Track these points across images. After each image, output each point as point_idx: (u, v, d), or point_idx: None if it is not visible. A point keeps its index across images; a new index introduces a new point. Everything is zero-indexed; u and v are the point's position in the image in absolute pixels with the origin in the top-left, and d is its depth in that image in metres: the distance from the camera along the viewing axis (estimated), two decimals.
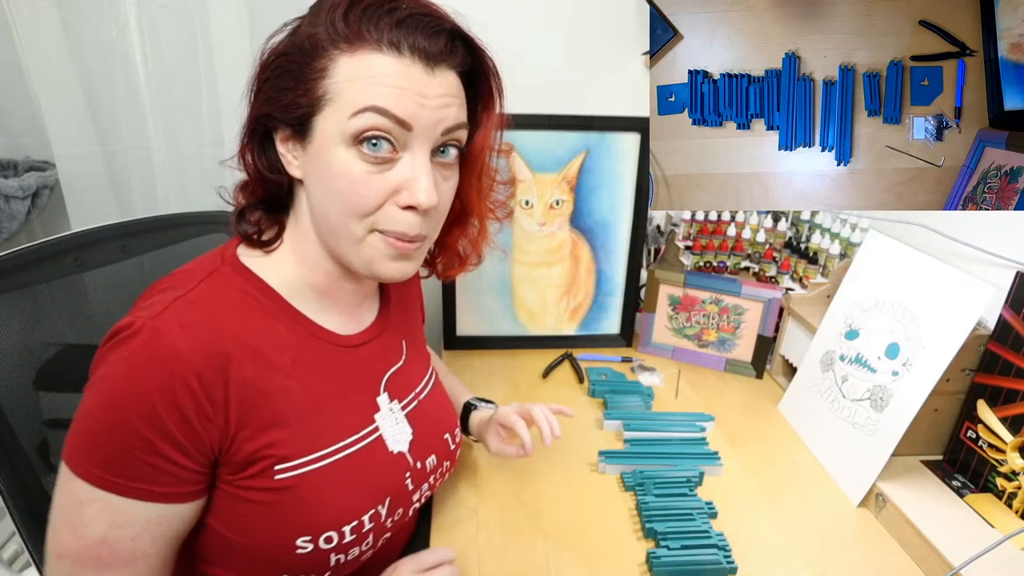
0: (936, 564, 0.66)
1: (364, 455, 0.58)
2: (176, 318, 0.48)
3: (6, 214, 0.97)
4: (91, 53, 0.99)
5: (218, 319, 0.50)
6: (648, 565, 0.67)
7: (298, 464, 0.53)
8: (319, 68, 0.49)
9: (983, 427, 0.76)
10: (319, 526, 0.53)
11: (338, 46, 0.48)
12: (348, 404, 0.59)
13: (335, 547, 0.54)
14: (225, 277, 0.54)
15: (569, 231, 1.09)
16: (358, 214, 0.51)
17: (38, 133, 1.03)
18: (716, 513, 0.75)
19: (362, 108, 0.48)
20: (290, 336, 0.55)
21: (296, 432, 0.53)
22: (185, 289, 0.51)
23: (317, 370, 0.56)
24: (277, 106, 0.51)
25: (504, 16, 1.08)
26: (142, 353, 0.46)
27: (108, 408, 0.46)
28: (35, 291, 0.68)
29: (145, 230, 0.80)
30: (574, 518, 0.75)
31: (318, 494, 0.54)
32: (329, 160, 0.50)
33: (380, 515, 0.58)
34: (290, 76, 0.50)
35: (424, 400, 0.68)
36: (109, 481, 0.46)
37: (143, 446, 0.46)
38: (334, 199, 0.51)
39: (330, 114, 0.49)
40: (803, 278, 1.06)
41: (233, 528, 0.52)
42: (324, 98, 0.49)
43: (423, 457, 0.64)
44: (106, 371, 0.47)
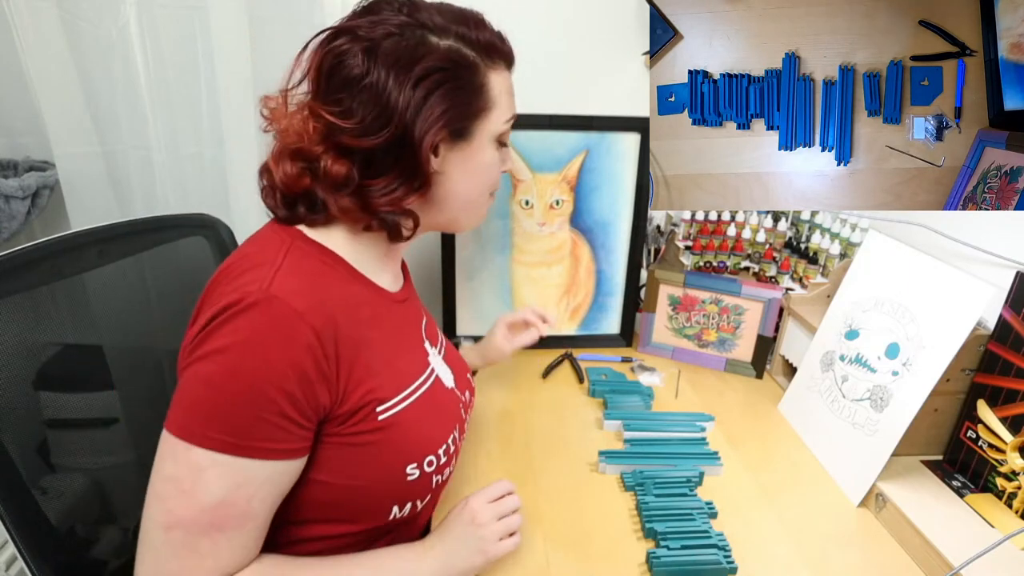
0: (936, 564, 0.66)
1: (434, 391, 0.67)
2: (287, 285, 0.52)
3: (6, 214, 0.97)
4: (91, 53, 0.99)
5: (318, 284, 0.55)
6: (648, 565, 0.67)
7: (395, 403, 0.59)
8: (479, 83, 0.60)
9: (983, 427, 0.76)
10: (422, 452, 0.61)
11: (484, 62, 0.60)
12: (411, 349, 0.68)
13: (435, 469, 0.63)
14: (302, 250, 0.58)
15: (569, 231, 1.09)
16: (493, 185, 0.67)
17: (38, 133, 1.03)
18: (716, 513, 0.75)
19: (510, 118, 0.65)
20: (363, 294, 0.62)
21: (385, 377, 0.59)
22: (277, 263, 0.54)
23: (386, 322, 0.63)
24: (452, 117, 0.58)
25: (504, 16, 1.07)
26: (264, 319, 0.50)
27: (233, 375, 0.49)
28: (35, 292, 0.68)
29: (121, 235, 0.79)
30: (574, 518, 0.75)
31: (415, 426, 0.61)
32: (483, 152, 0.63)
33: (456, 439, 0.68)
34: (460, 91, 0.58)
35: (447, 347, 0.78)
36: (232, 444, 0.49)
37: (270, 407, 0.50)
38: (483, 181, 0.65)
39: (492, 117, 0.62)
40: (803, 278, 1.06)
41: (346, 475, 0.57)
42: (485, 109, 0.61)
43: (463, 391, 0.74)
44: (227, 340, 0.49)
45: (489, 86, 0.61)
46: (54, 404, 0.69)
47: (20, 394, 0.65)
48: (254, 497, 0.51)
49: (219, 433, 0.49)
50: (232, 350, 0.49)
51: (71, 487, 0.69)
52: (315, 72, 0.56)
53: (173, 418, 0.50)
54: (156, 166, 1.06)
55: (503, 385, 1.03)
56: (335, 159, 0.55)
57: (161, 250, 0.84)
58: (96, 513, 0.74)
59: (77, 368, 0.75)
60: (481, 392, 1.00)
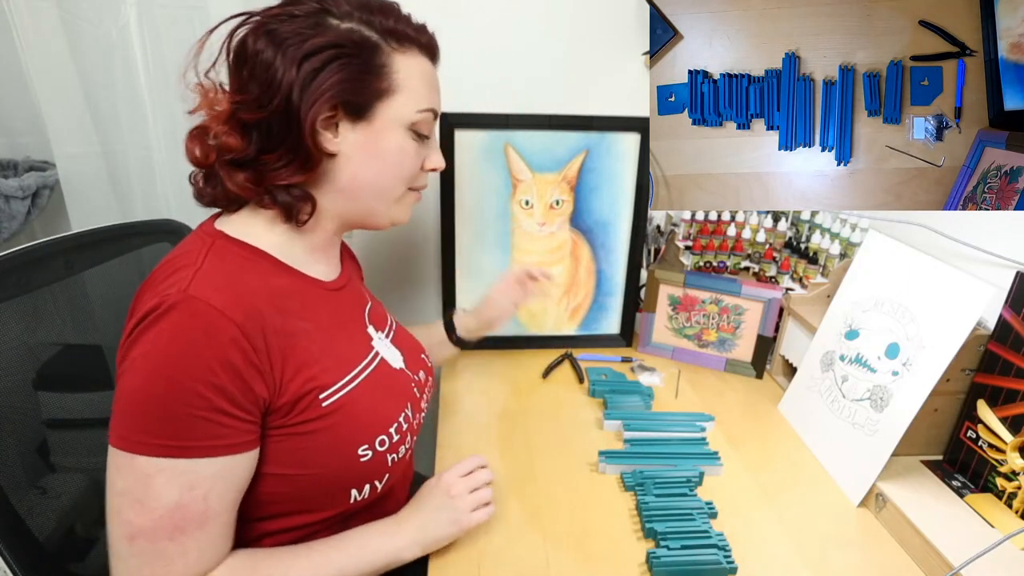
0: (936, 564, 0.66)
1: (379, 373, 0.67)
2: (206, 283, 0.52)
3: (6, 214, 0.97)
4: (91, 53, 0.99)
5: (239, 280, 0.56)
6: (648, 565, 0.67)
7: (337, 388, 0.60)
8: (379, 64, 0.59)
9: (983, 427, 0.76)
10: (372, 432, 0.62)
11: (389, 43, 0.60)
12: (351, 335, 0.68)
13: (388, 448, 0.63)
14: (223, 248, 0.59)
15: (569, 231, 1.09)
16: (407, 180, 0.66)
17: (38, 133, 1.03)
18: (716, 513, 0.75)
19: (426, 109, 0.63)
20: (291, 286, 0.62)
21: (324, 364, 0.60)
22: (197, 264, 0.55)
23: (320, 310, 0.64)
24: (349, 91, 0.58)
25: (504, 16, 1.08)
26: (185, 320, 0.50)
27: (160, 378, 0.49)
28: (35, 293, 0.68)
29: (88, 244, 0.78)
30: (574, 518, 0.75)
31: (362, 408, 0.62)
32: (389, 138, 0.62)
33: (409, 417, 0.68)
34: (354, 67, 0.58)
35: (396, 330, 0.79)
36: (173, 447, 0.50)
37: (202, 404, 0.50)
38: (391, 168, 0.64)
39: (397, 102, 0.61)
40: (803, 278, 1.06)
41: (297, 465, 0.58)
42: (389, 90, 0.60)
43: (415, 372, 0.75)
44: (149, 346, 0.50)
45: (392, 68, 0.60)
46: (54, 404, 0.69)
47: (20, 394, 0.65)
48: (209, 495, 0.52)
49: (157, 438, 0.49)
50: (155, 354, 0.50)
51: (71, 487, 0.69)
52: (224, 54, 0.59)
53: (113, 430, 0.51)
54: (156, 166, 1.06)
55: (503, 385, 1.03)
56: (229, 132, 0.58)
57: (128, 258, 0.83)
58: (96, 514, 0.73)
59: (77, 368, 0.75)
60: (481, 392, 1.00)
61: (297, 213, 0.61)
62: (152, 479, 0.50)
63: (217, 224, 0.62)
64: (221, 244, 0.59)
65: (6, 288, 0.66)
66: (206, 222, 0.64)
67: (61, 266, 0.73)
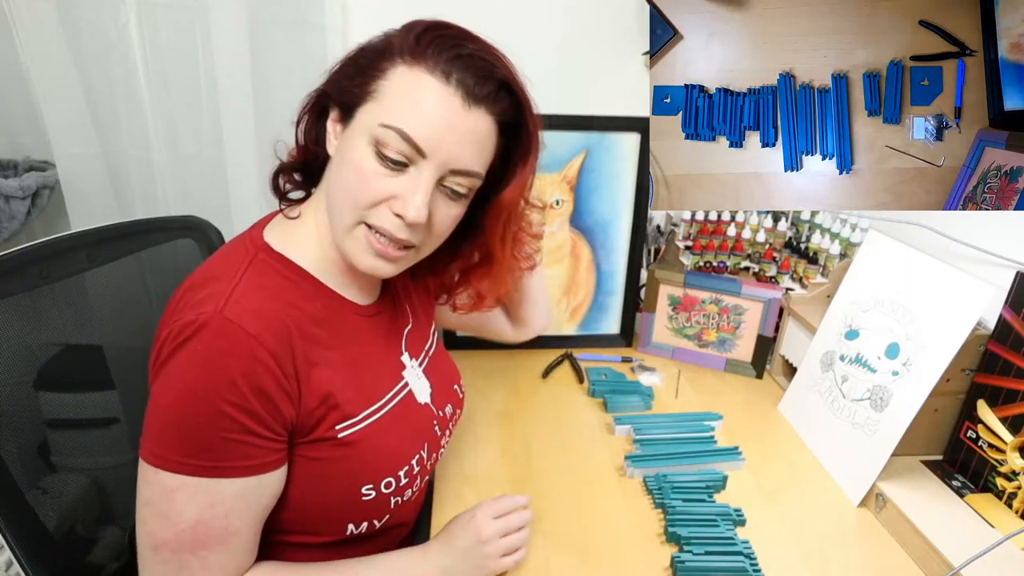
0: (936, 564, 0.66)
1: (403, 408, 0.65)
2: (241, 306, 0.51)
3: (6, 214, 0.97)
4: (91, 53, 0.99)
5: (273, 302, 0.55)
6: (673, 570, 0.67)
7: (355, 422, 0.59)
8: (380, 68, 0.54)
9: (983, 427, 0.76)
10: (379, 473, 0.60)
11: (403, 56, 0.54)
12: (381, 365, 0.65)
13: (393, 491, 0.61)
14: (263, 264, 0.57)
15: (569, 231, 1.09)
16: (355, 205, 0.55)
17: (38, 133, 1.03)
18: (744, 520, 0.74)
19: (391, 126, 0.52)
20: (324, 311, 0.60)
21: (347, 395, 0.58)
22: (235, 279, 0.54)
23: (351, 338, 0.62)
24: (336, 88, 0.57)
25: (504, 16, 1.08)
26: (218, 342, 0.49)
27: (192, 398, 0.49)
28: (35, 292, 0.68)
29: (112, 238, 0.78)
30: (574, 518, 0.75)
31: (375, 445, 0.60)
32: (352, 146, 0.55)
33: (423, 459, 0.65)
34: (357, 67, 0.56)
35: (433, 356, 0.75)
36: (197, 466, 0.50)
37: (231, 427, 0.50)
38: (342, 183, 0.56)
39: (370, 109, 0.54)
40: (803, 278, 1.06)
41: (299, 487, 0.57)
42: (373, 94, 0.54)
43: (442, 406, 0.72)
44: (182, 364, 0.50)
45: (388, 74, 0.54)
46: (54, 404, 0.69)
47: (20, 394, 0.65)
48: (231, 514, 0.52)
49: (183, 456, 0.50)
50: (188, 375, 0.49)
51: (71, 487, 0.69)
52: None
53: (143, 443, 0.51)
54: (156, 166, 1.06)
55: (503, 385, 1.03)
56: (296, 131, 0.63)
57: (150, 252, 0.84)
58: (96, 513, 0.73)
59: (77, 368, 0.75)
60: (481, 392, 1.00)
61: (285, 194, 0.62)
62: (175, 494, 0.50)
63: (266, 232, 0.60)
64: (263, 259, 0.57)
65: (29, 279, 0.67)
66: (255, 227, 0.62)
67: (84, 259, 0.74)
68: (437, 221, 0.57)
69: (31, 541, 0.61)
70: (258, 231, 0.61)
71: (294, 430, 0.55)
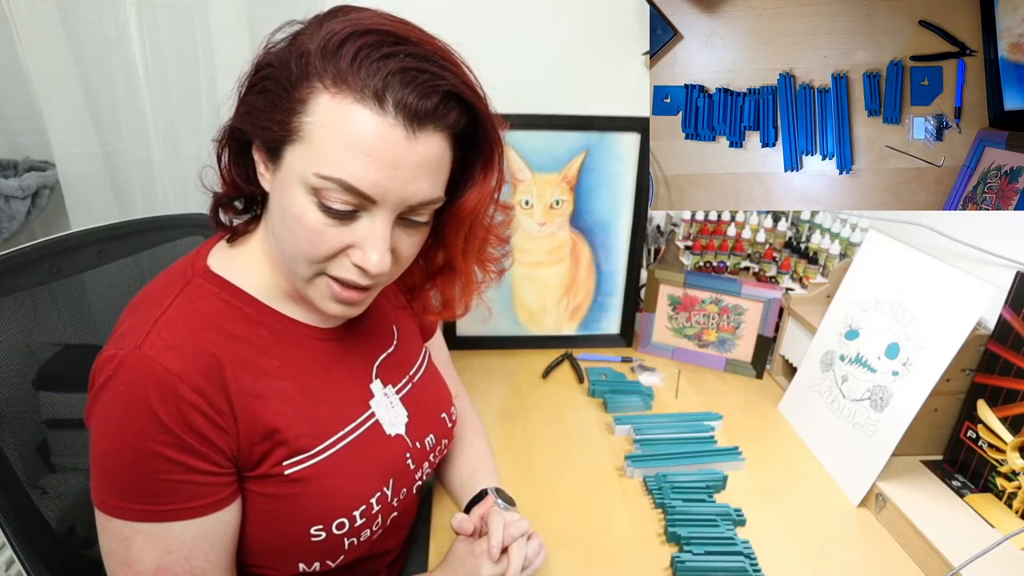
0: (936, 564, 0.66)
1: (365, 441, 0.59)
2: (162, 340, 0.48)
3: (6, 214, 0.97)
4: (91, 53, 0.99)
5: (202, 333, 0.50)
6: (672, 569, 0.67)
7: (304, 458, 0.54)
8: (298, 98, 0.46)
9: (983, 427, 0.76)
10: (330, 514, 0.55)
11: (323, 80, 0.45)
12: (343, 394, 0.59)
13: (347, 532, 0.56)
14: (199, 288, 0.53)
15: (569, 231, 1.09)
16: (309, 259, 0.50)
17: (38, 133, 1.03)
18: (744, 520, 0.74)
19: (329, 177, 0.45)
20: (273, 337, 0.55)
21: (297, 429, 0.54)
22: (162, 308, 0.50)
23: (306, 366, 0.57)
24: (251, 124, 0.50)
25: (504, 16, 1.08)
26: (139, 382, 0.46)
27: (122, 444, 0.47)
28: (35, 292, 0.68)
29: (122, 235, 0.79)
30: (574, 518, 0.75)
31: (326, 484, 0.55)
32: (290, 196, 0.48)
33: (386, 496, 0.59)
34: (269, 96, 0.48)
35: (419, 382, 0.68)
36: (145, 511, 0.48)
37: (170, 468, 0.47)
38: (289, 235, 0.50)
39: (300, 152, 0.47)
40: (803, 278, 1.06)
41: (256, 525, 0.54)
42: (297, 133, 0.46)
43: (421, 437, 0.65)
44: (106, 407, 0.47)
45: (309, 107, 0.45)
46: (54, 404, 0.69)
47: (20, 394, 0.65)
48: (192, 557, 0.49)
49: (128, 502, 0.47)
50: (113, 418, 0.47)
51: (71, 487, 0.69)
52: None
53: (92, 490, 0.49)
54: (156, 166, 1.06)
55: (503, 385, 1.03)
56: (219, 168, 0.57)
57: (161, 249, 0.84)
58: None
59: (77, 368, 0.74)
60: (481, 392, 1.00)
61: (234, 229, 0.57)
62: (130, 541, 0.48)
63: (212, 254, 0.56)
64: (199, 283, 0.53)
65: (40, 274, 0.68)
66: (203, 246, 0.58)
67: (94, 255, 0.75)
68: (400, 253, 0.52)
69: (34, 540, 0.61)
70: (204, 252, 0.57)
71: (237, 463, 0.52)
